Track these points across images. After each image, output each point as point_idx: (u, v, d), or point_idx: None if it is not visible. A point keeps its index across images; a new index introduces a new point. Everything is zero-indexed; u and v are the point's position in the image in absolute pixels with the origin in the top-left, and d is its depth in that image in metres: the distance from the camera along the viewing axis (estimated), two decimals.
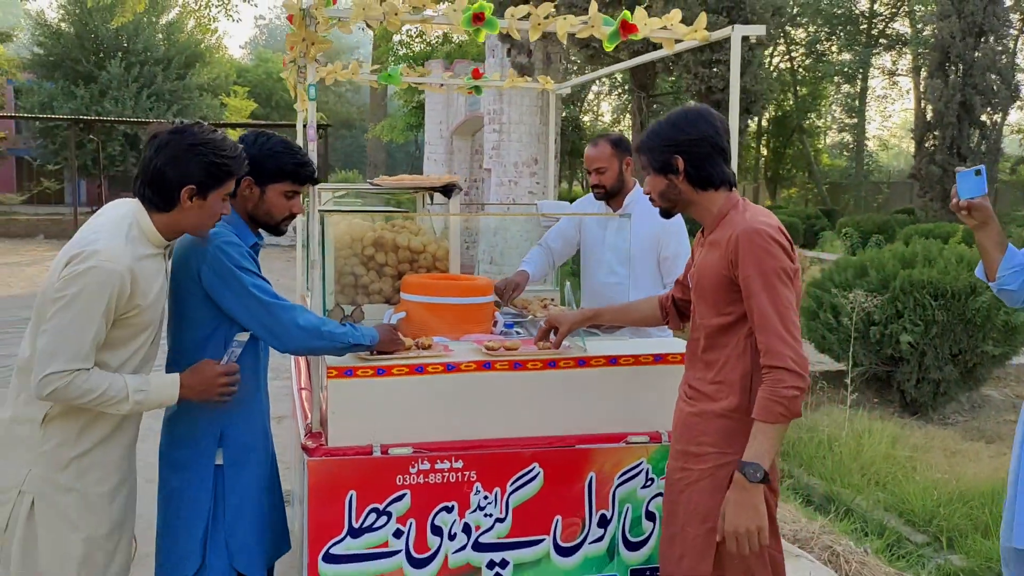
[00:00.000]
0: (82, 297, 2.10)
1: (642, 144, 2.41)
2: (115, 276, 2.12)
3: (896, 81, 39.03)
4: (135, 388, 2.22)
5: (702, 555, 2.32)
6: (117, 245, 2.15)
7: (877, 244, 15.26)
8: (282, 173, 2.54)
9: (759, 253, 2.18)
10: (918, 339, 7.82)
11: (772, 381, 2.15)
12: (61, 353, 2.11)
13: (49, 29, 34.21)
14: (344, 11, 2.59)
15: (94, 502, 2.28)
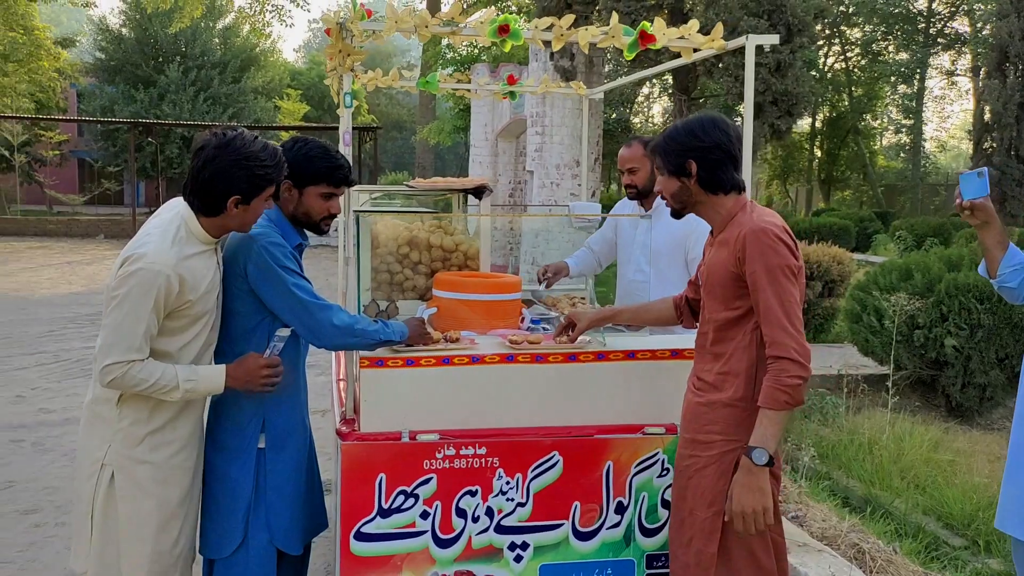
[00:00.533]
0: (131, 296, 2.32)
1: (657, 146, 2.54)
2: (160, 277, 2.33)
3: (955, 81, 38.25)
4: (184, 378, 2.43)
5: (709, 537, 2.45)
6: (164, 248, 2.37)
7: (931, 248, 15.03)
8: (317, 176, 2.70)
9: (765, 251, 2.31)
10: (963, 343, 7.75)
11: (777, 371, 2.27)
12: (116, 346, 2.34)
13: (111, 35, 35.24)
14: (378, 24, 2.75)
15: (167, 473, 2.52)
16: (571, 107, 11.93)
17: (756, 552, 2.43)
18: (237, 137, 2.44)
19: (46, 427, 6.15)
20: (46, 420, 6.33)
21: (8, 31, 27.15)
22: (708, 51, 3.00)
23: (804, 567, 3.84)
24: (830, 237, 17.76)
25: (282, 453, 2.71)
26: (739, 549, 2.43)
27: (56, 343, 9.29)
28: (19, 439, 5.86)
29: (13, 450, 5.62)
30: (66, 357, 8.58)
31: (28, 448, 5.67)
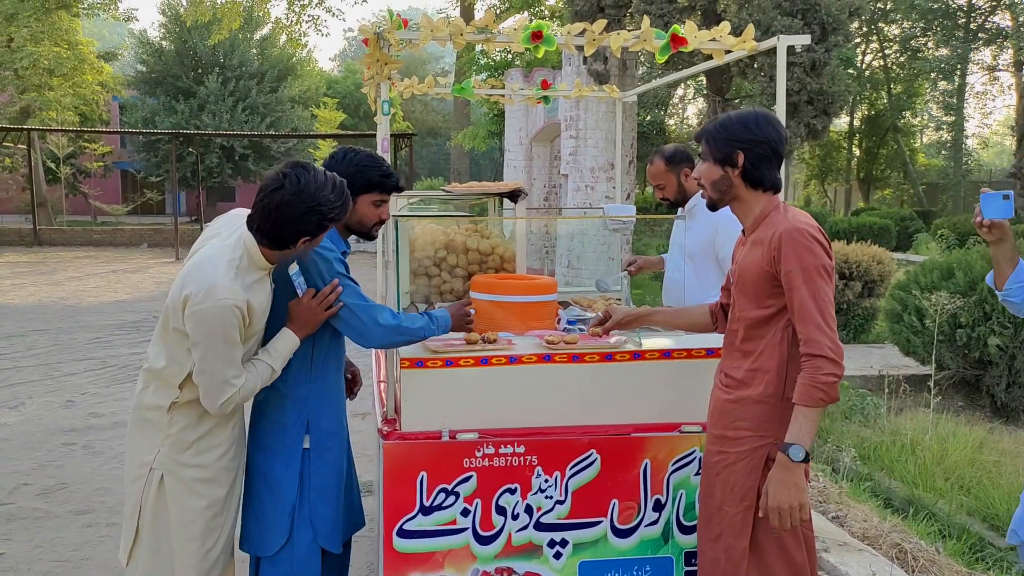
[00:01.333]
0: (215, 336, 2.43)
1: (706, 131, 2.55)
2: (235, 310, 2.44)
3: (997, 77, 37.54)
4: (271, 361, 2.62)
5: (740, 532, 2.47)
6: (228, 281, 2.45)
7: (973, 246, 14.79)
8: (370, 185, 2.79)
9: (801, 250, 2.34)
10: (1007, 342, 7.63)
11: (812, 368, 2.30)
12: (226, 379, 2.50)
13: (151, 48, 35.92)
14: (414, 33, 2.82)
15: (215, 474, 2.66)
16: (605, 110, 11.95)
17: (788, 547, 2.45)
18: (310, 182, 2.49)
19: (96, 431, 6.32)
20: (96, 424, 6.49)
21: (53, 46, 27.82)
22: (740, 52, 3.02)
23: (844, 566, 3.84)
24: (870, 237, 17.55)
25: (326, 455, 2.78)
26: (770, 544, 2.45)
27: (103, 349, 9.52)
28: (71, 443, 6.03)
29: (65, 453, 5.78)
30: (113, 363, 8.79)
31: (80, 451, 5.83)
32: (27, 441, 6.03)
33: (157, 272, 18.37)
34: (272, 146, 34.96)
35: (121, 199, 39.03)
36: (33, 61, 27.04)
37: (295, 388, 2.75)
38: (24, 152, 29.40)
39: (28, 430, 6.31)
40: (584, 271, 11.94)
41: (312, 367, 2.77)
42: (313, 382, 2.77)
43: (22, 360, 8.84)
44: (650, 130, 29.85)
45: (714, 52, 3.00)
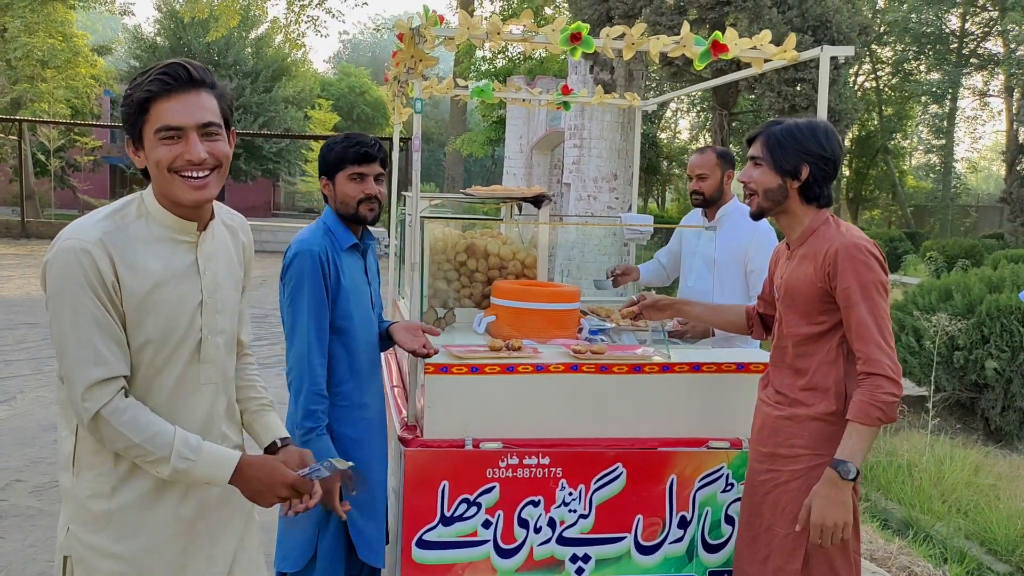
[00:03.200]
0: (63, 296, 1.71)
1: (772, 138, 2.43)
2: (83, 255, 1.70)
3: (987, 102, 37.87)
4: (183, 447, 1.75)
5: (792, 554, 2.39)
6: (87, 221, 1.79)
7: (963, 269, 14.88)
8: (341, 160, 2.69)
9: (859, 267, 2.27)
10: (1004, 365, 7.64)
11: (871, 387, 2.23)
12: (84, 374, 1.71)
13: (145, 43, 35.73)
14: (450, 30, 2.76)
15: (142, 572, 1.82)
16: (610, 120, 11.93)
17: (839, 570, 2.38)
18: None
19: None
20: None
21: (47, 38, 27.60)
22: (780, 62, 2.98)
23: None
24: None
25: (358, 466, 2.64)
26: (821, 567, 2.38)
27: None
28: None
29: (58, 450, 5.66)
30: None
31: None
32: (19, 437, 5.90)
33: None
34: (264, 146, 34.81)
35: (109, 194, 38.68)
36: (27, 52, 26.79)
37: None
38: (14, 143, 29.10)
39: (19, 425, 6.18)
40: (584, 281, 11.89)
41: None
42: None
43: (11, 354, 8.68)
44: (643, 143, 29.91)
45: (754, 61, 2.96)
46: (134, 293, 1.73)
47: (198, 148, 1.73)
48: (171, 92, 1.72)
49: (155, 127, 1.72)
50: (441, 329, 3.43)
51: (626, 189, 11.95)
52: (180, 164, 1.73)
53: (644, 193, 36.74)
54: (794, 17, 11.07)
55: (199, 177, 1.74)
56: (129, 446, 1.70)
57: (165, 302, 1.77)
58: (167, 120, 1.71)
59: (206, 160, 1.74)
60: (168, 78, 1.73)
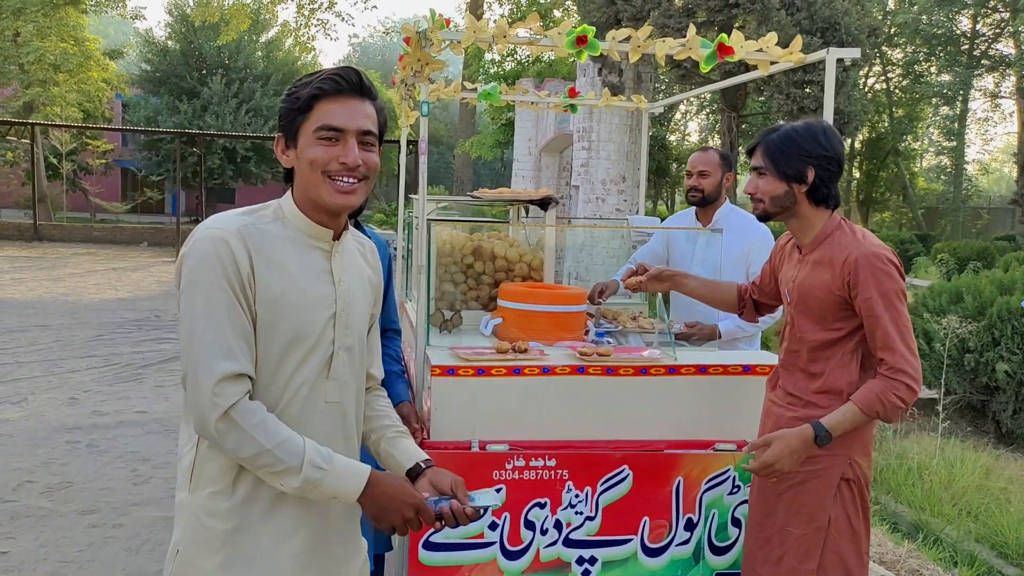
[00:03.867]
0: (198, 284, 1.67)
1: (771, 145, 2.43)
2: (221, 244, 1.70)
3: (999, 103, 37.68)
4: (315, 457, 1.68)
5: (807, 554, 2.39)
6: (227, 215, 1.79)
7: (975, 271, 14.81)
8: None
9: (880, 276, 2.28)
10: (1016, 368, 7.61)
11: (889, 384, 2.26)
12: (211, 369, 1.65)
13: (156, 47, 35.88)
14: (456, 33, 2.77)
15: None
16: (618, 123, 11.94)
17: (851, 570, 2.39)
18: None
19: (100, 429, 6.23)
20: (99, 423, 6.41)
21: (60, 42, 27.77)
22: (786, 64, 2.98)
23: None
24: None
25: None
26: (835, 568, 2.39)
27: (106, 347, 9.42)
28: (75, 440, 5.94)
29: (69, 451, 5.69)
30: (116, 361, 8.69)
31: (84, 450, 5.74)
32: (30, 438, 5.94)
33: (158, 271, 18.26)
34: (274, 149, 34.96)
35: (121, 197, 38.87)
36: (39, 56, 26.97)
37: None
38: (26, 147, 29.31)
39: (31, 427, 6.21)
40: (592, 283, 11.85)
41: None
42: None
43: (24, 355, 8.74)
44: (652, 145, 29.91)
45: (760, 63, 2.96)
46: (269, 290, 1.68)
47: (355, 153, 1.71)
48: (339, 94, 1.72)
49: (316, 125, 1.70)
50: (448, 331, 3.45)
51: (634, 191, 11.97)
52: (335, 167, 1.71)
53: (653, 195, 36.69)
54: (803, 19, 11.06)
55: (349, 182, 1.72)
56: (258, 452, 1.61)
57: (299, 306, 1.71)
58: (330, 120, 1.70)
59: (360, 167, 1.72)
60: (340, 80, 1.72)
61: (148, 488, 5.08)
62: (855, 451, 2.39)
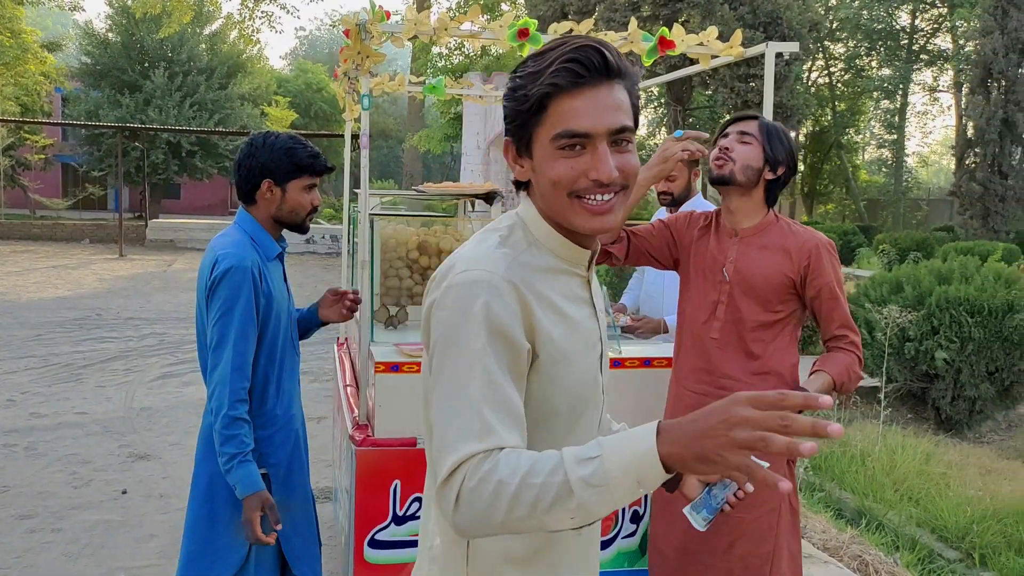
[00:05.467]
0: (462, 333, 1.27)
1: (768, 126, 2.51)
2: (503, 288, 1.31)
3: (937, 97, 38.69)
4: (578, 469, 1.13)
5: (763, 537, 2.43)
6: (489, 249, 1.38)
7: (915, 261, 15.16)
8: (299, 168, 2.51)
9: (835, 264, 2.51)
10: (954, 356, 7.80)
11: (854, 358, 2.45)
12: (458, 435, 1.22)
13: (96, 39, 35.04)
14: (397, 26, 2.74)
15: None
16: None
17: (796, 555, 2.46)
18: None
19: (38, 432, 6.06)
20: (38, 425, 6.24)
21: None
22: (727, 58, 3.00)
23: None
24: None
25: (287, 485, 2.56)
26: (785, 549, 2.44)
27: (44, 347, 9.18)
28: (12, 444, 5.77)
29: (6, 455, 5.53)
30: (55, 361, 8.47)
31: (21, 453, 5.58)
32: None
33: (100, 268, 17.85)
34: (220, 143, 34.34)
35: (62, 193, 37.88)
36: None
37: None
38: None
39: None
40: None
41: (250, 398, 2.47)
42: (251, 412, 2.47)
43: None
44: None
45: (701, 57, 2.98)
46: (551, 344, 1.32)
47: (608, 164, 1.29)
48: (580, 86, 1.29)
49: (554, 132, 1.30)
50: (394, 327, 3.42)
51: None
52: (583, 185, 1.30)
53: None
54: (745, 13, 11.24)
55: (603, 199, 1.32)
56: (509, 501, 1.12)
57: (579, 352, 1.37)
58: (571, 124, 1.29)
59: (615, 179, 1.30)
60: (579, 67, 1.28)
61: (88, 491, 4.96)
62: None
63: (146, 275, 16.93)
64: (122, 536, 4.35)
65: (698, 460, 1.06)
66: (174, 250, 23.14)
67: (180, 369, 8.33)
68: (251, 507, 2.33)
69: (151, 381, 7.81)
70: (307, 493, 2.66)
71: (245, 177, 2.53)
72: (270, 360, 2.52)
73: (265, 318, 2.48)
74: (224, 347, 2.37)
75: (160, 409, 6.83)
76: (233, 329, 2.37)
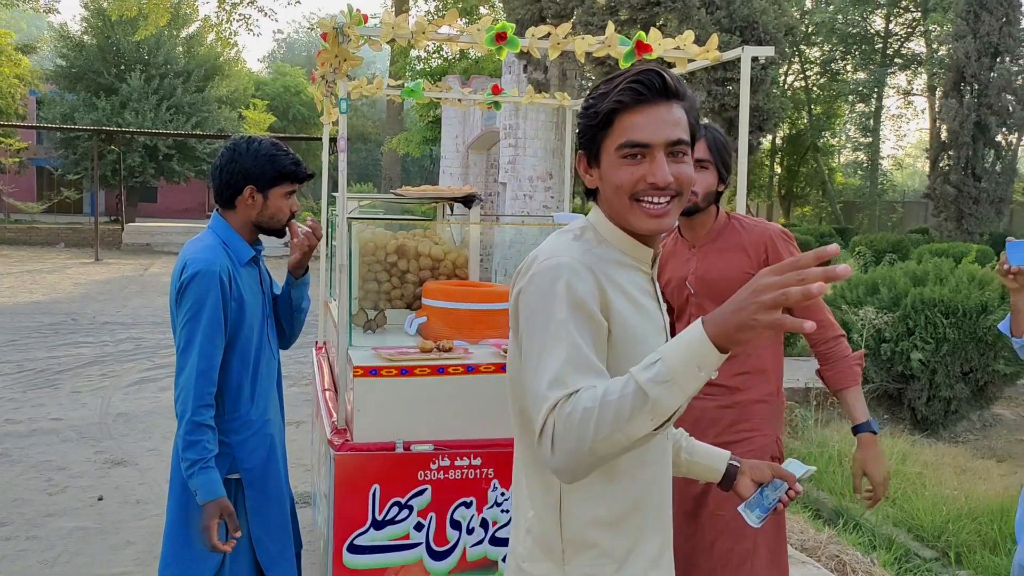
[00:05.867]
0: (552, 304, 1.45)
1: (716, 140, 2.48)
2: (579, 273, 1.49)
3: (911, 101, 39.08)
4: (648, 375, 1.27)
5: (742, 533, 2.42)
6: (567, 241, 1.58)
7: (891, 263, 15.30)
8: (281, 176, 2.52)
9: (793, 249, 2.48)
10: (929, 357, 7.87)
11: (844, 351, 2.45)
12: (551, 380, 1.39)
13: (72, 42, 34.69)
14: (374, 29, 2.73)
15: None
16: (544, 120, 12.00)
17: (778, 553, 2.46)
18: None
19: (12, 438, 5.99)
20: (12, 431, 6.16)
21: None
22: (703, 62, 3.02)
23: None
24: None
25: (262, 490, 2.57)
26: (765, 548, 2.44)
27: (19, 353, 9.07)
28: None
29: None
30: (30, 367, 8.38)
31: None
32: None
33: (75, 273, 17.67)
34: (197, 147, 34.11)
35: (36, 197, 37.44)
36: None
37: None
38: None
39: None
40: None
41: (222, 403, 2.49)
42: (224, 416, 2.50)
43: None
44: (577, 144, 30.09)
45: (677, 61, 2.99)
46: (625, 323, 1.49)
47: (664, 170, 1.49)
48: (641, 103, 1.49)
49: (618, 142, 1.50)
50: (372, 331, 3.41)
51: (562, 188, 12.04)
52: (642, 188, 1.50)
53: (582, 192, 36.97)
54: (722, 18, 11.33)
55: (660, 203, 1.51)
56: (595, 423, 1.27)
57: (649, 334, 1.54)
58: (633, 135, 1.49)
59: (670, 184, 1.49)
60: (641, 87, 1.49)
61: (64, 498, 4.91)
62: (780, 430, 2.51)
63: (122, 279, 16.78)
64: (98, 543, 4.30)
65: (739, 330, 1.22)
66: (151, 254, 22.96)
67: (157, 374, 8.27)
68: (209, 514, 2.34)
69: (127, 386, 7.74)
70: (284, 498, 2.66)
71: (226, 182, 2.52)
72: (243, 364, 2.51)
73: (237, 323, 2.48)
74: (190, 351, 2.38)
75: (137, 414, 6.77)
76: (200, 333, 2.38)
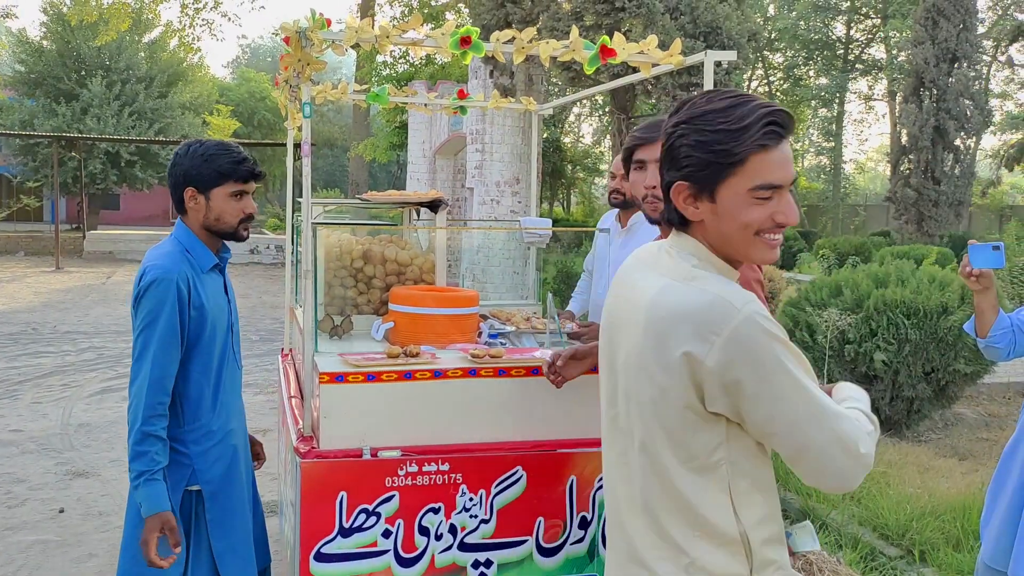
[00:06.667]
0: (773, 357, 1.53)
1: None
2: (767, 322, 1.57)
3: (872, 106, 39.74)
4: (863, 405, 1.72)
5: None
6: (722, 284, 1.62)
7: (853, 265, 15.51)
8: (221, 175, 2.50)
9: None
10: (892, 357, 7.97)
11: None
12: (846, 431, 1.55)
13: (31, 47, 34.16)
14: (338, 34, 2.72)
15: None
16: (511, 125, 12.03)
17: None
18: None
19: None
20: None
21: None
22: (667, 66, 3.04)
23: None
24: None
25: (224, 502, 2.56)
26: None
27: None
28: None
29: None
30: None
31: None
32: None
33: (35, 282, 17.36)
34: (160, 153, 33.72)
35: None
36: None
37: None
38: None
39: None
40: (489, 285, 11.95)
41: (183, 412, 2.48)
42: (184, 426, 2.49)
43: None
44: (547, 147, 30.18)
45: (641, 65, 3.01)
46: None
47: (794, 209, 1.55)
48: (776, 145, 1.52)
49: (754, 183, 1.50)
50: (338, 337, 3.39)
51: (529, 193, 12.07)
52: (769, 225, 1.53)
53: (549, 197, 37.05)
54: (686, 23, 11.45)
55: (777, 237, 1.56)
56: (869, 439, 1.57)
57: None
58: (770, 177, 1.51)
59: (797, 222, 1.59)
60: (780, 128, 1.53)
61: (23, 511, 4.81)
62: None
63: (84, 288, 16.52)
64: (59, 556, 4.22)
65: None
66: (113, 262, 22.64)
67: (120, 384, 8.14)
68: (150, 528, 2.31)
69: (89, 396, 7.61)
70: (247, 510, 2.63)
71: (172, 187, 2.53)
72: (205, 373, 2.49)
73: (197, 331, 2.45)
74: (144, 360, 2.35)
75: (99, 425, 6.66)
76: (155, 342, 2.35)
